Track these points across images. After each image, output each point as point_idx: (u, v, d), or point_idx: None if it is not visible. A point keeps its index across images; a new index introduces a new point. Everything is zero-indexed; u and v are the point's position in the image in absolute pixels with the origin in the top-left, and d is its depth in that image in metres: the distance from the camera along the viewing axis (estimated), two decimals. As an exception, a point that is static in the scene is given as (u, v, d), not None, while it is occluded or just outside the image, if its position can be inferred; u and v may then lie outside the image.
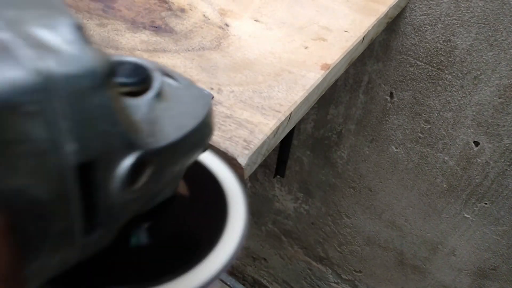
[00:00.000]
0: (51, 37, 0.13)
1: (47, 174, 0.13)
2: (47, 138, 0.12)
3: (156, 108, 0.17)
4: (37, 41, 0.13)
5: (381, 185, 0.85)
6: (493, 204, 0.74)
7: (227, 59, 0.41)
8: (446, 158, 0.73)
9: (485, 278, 0.85)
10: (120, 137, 0.15)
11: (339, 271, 1.11)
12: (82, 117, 0.13)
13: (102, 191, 0.15)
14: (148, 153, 0.16)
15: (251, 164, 0.33)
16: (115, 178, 0.15)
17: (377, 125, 0.77)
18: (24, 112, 0.12)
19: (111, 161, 0.15)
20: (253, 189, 1.09)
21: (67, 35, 0.13)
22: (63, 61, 0.13)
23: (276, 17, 0.48)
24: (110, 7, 0.46)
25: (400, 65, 0.67)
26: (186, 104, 0.19)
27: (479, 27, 0.57)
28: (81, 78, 0.13)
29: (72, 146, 0.13)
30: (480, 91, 0.63)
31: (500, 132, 0.65)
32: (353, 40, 0.45)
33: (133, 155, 0.15)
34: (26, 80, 0.12)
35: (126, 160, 0.15)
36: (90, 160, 0.14)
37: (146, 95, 0.17)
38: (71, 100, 0.13)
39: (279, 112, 0.36)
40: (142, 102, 0.17)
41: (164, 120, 0.17)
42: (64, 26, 0.14)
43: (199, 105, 0.20)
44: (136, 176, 0.16)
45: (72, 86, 0.13)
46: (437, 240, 0.86)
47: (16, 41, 0.12)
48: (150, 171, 0.17)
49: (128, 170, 0.15)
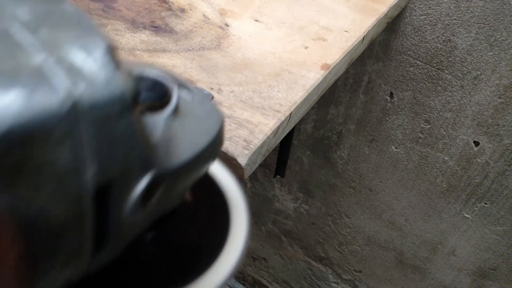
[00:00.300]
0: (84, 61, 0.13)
1: (66, 195, 0.13)
2: (71, 162, 0.13)
3: (172, 125, 0.17)
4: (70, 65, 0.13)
5: (381, 185, 0.85)
6: (493, 204, 0.74)
7: (227, 59, 0.41)
8: (446, 158, 0.73)
9: (485, 278, 0.85)
10: (139, 158, 0.15)
11: (339, 271, 1.11)
12: (106, 141, 0.13)
13: (115, 212, 0.15)
14: (162, 173, 0.16)
15: (251, 164, 0.33)
16: (129, 200, 0.15)
17: (377, 125, 0.77)
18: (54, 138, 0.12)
19: (127, 182, 0.15)
20: (253, 189, 1.09)
21: (99, 58, 0.13)
22: (93, 87, 0.13)
23: (276, 17, 0.48)
24: (110, 7, 0.46)
25: (400, 65, 0.67)
26: (199, 120, 0.19)
27: (479, 27, 0.57)
28: (109, 105, 0.13)
29: (92, 169, 0.13)
30: (480, 91, 0.63)
31: (500, 132, 0.65)
32: (353, 40, 0.45)
33: (148, 175, 0.15)
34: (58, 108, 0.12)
35: (141, 181, 0.15)
36: (108, 182, 0.14)
37: (164, 111, 0.17)
38: (98, 125, 0.13)
39: (279, 112, 0.36)
40: (159, 119, 0.17)
41: (178, 137, 0.17)
42: (97, 49, 0.14)
43: (212, 121, 0.20)
44: (149, 196, 0.16)
45: (100, 112, 0.13)
46: (437, 240, 0.86)
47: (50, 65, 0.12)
48: (161, 190, 0.17)
49: (142, 191, 0.15)
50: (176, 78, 0.19)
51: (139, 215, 0.16)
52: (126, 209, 0.15)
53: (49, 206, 0.13)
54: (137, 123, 0.14)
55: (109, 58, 0.14)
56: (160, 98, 0.17)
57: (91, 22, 0.15)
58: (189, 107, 0.19)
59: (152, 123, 0.17)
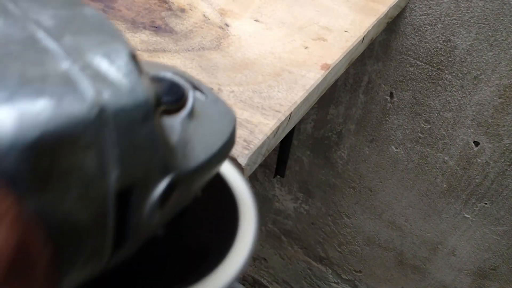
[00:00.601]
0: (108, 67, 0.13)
1: (91, 199, 0.13)
2: (96, 166, 0.13)
3: (188, 128, 0.18)
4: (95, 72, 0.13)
5: (381, 185, 0.85)
6: (493, 204, 0.74)
7: (227, 59, 0.41)
8: (446, 158, 0.73)
9: (485, 278, 0.85)
10: (160, 162, 0.15)
11: (339, 271, 1.11)
12: (129, 146, 0.14)
13: (136, 213, 0.15)
14: (180, 176, 0.16)
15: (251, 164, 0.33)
16: (149, 202, 0.15)
17: (377, 125, 0.77)
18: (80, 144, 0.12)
19: (148, 185, 0.15)
20: (253, 189, 1.09)
21: (123, 65, 0.14)
22: (118, 94, 0.13)
23: (276, 17, 0.48)
24: (110, 7, 0.46)
25: (400, 65, 0.67)
26: (213, 121, 0.19)
27: (479, 27, 0.57)
28: (133, 111, 0.13)
29: (115, 173, 0.13)
30: (480, 91, 0.63)
31: (500, 132, 0.65)
32: (353, 40, 0.45)
33: (167, 178, 0.16)
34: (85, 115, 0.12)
35: (161, 184, 0.15)
36: (129, 185, 0.14)
37: (180, 114, 0.17)
38: (122, 131, 0.13)
39: (279, 112, 0.36)
40: (177, 122, 0.17)
41: (194, 140, 0.18)
42: (120, 55, 0.14)
43: (226, 122, 0.20)
44: (167, 198, 0.16)
45: (125, 118, 0.13)
46: (437, 240, 0.86)
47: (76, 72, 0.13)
48: (179, 191, 0.17)
49: (161, 193, 0.15)
50: (189, 78, 0.19)
51: (157, 216, 0.16)
52: (146, 211, 0.15)
53: (75, 209, 0.13)
54: (158, 127, 0.15)
55: (132, 65, 0.14)
56: (177, 100, 0.18)
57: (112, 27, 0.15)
58: (203, 108, 0.19)
59: (170, 126, 0.17)
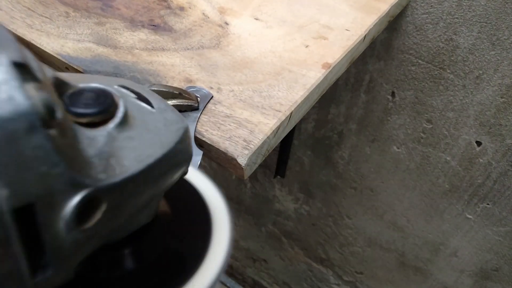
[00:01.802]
0: None
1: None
2: None
3: (116, 139, 0.17)
4: None
5: (382, 186, 0.85)
6: (495, 205, 0.73)
7: (227, 58, 0.41)
8: (448, 158, 0.73)
9: (487, 279, 0.85)
10: (62, 177, 0.14)
11: (340, 272, 1.10)
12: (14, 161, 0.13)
13: (47, 232, 0.14)
14: (98, 191, 0.15)
15: (251, 164, 0.33)
16: (60, 219, 0.14)
17: (379, 124, 0.76)
18: None
19: (54, 202, 0.14)
20: (253, 190, 1.09)
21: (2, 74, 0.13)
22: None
23: (276, 16, 0.47)
24: (108, 6, 0.46)
25: (402, 64, 0.67)
26: (154, 131, 0.18)
27: (481, 26, 0.57)
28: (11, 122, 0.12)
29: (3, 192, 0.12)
30: (482, 90, 0.62)
31: (502, 132, 0.64)
32: (354, 39, 0.45)
33: (79, 194, 0.15)
34: None
35: (73, 200, 0.14)
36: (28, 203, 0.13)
37: (107, 125, 0.17)
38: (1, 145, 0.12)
39: (279, 111, 0.35)
40: (100, 133, 0.16)
41: (124, 151, 0.17)
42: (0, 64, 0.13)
43: (170, 131, 0.19)
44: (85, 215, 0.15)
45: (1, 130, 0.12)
46: (439, 241, 0.85)
47: None
48: (104, 208, 0.16)
49: (73, 210, 0.15)
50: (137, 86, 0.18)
51: (80, 234, 0.15)
52: (60, 228, 0.15)
53: None
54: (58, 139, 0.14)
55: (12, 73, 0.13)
56: (102, 111, 0.17)
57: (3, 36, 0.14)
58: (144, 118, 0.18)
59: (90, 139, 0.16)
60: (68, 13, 0.44)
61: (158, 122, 0.19)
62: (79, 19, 0.43)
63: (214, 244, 0.22)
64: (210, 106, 0.36)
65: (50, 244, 0.15)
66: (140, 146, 0.17)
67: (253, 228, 1.19)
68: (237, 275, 1.38)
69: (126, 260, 0.21)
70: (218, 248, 0.22)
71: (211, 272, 0.21)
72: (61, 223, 0.15)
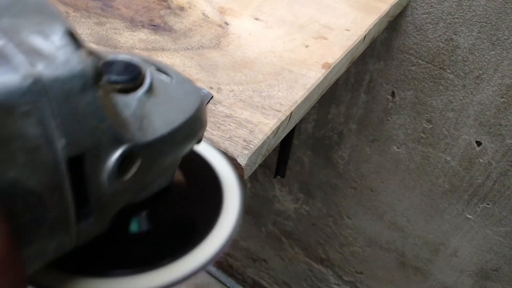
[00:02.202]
0: (43, 44, 0.14)
1: (40, 167, 0.14)
2: (39, 134, 0.14)
3: (146, 104, 0.18)
4: (30, 47, 0.14)
5: (382, 186, 0.85)
6: (495, 205, 0.73)
7: (227, 58, 0.41)
8: (448, 158, 0.73)
9: (487, 279, 0.85)
10: (107, 132, 0.16)
11: (340, 272, 1.10)
12: (71, 115, 0.14)
13: (93, 182, 0.16)
14: (135, 147, 0.17)
15: (251, 164, 0.33)
16: (104, 170, 0.16)
17: (379, 124, 0.76)
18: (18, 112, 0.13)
19: (100, 154, 0.16)
20: (253, 190, 1.09)
21: (58, 41, 0.14)
22: (53, 66, 0.14)
23: (276, 16, 0.47)
24: (108, 6, 0.46)
25: (402, 64, 0.67)
26: (176, 100, 0.20)
27: (481, 26, 0.57)
28: (69, 81, 0.14)
29: (62, 142, 0.14)
30: (482, 90, 0.62)
31: (502, 132, 0.64)
32: (354, 39, 0.45)
33: (121, 148, 0.16)
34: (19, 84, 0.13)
35: (115, 153, 0.16)
36: (80, 154, 0.15)
37: (137, 92, 0.18)
38: (61, 101, 0.14)
39: (279, 111, 0.35)
40: (132, 99, 0.18)
41: (153, 115, 0.18)
42: (55, 33, 0.15)
43: (190, 100, 0.21)
44: (124, 168, 0.17)
45: (60, 88, 0.14)
46: (439, 241, 0.85)
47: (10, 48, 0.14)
48: (138, 163, 0.18)
49: (116, 162, 0.16)
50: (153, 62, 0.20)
51: (118, 186, 0.17)
52: (103, 179, 0.16)
53: (24, 176, 0.14)
54: (103, 99, 0.15)
55: (67, 40, 0.15)
56: (132, 79, 0.18)
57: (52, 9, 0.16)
58: (166, 88, 0.20)
59: (124, 103, 0.18)
60: (68, 13, 0.44)
61: (178, 91, 0.20)
62: (79, 19, 0.43)
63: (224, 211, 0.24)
64: (210, 106, 0.36)
65: (94, 193, 0.16)
66: (165, 111, 0.19)
67: (253, 228, 1.19)
68: (237, 275, 1.38)
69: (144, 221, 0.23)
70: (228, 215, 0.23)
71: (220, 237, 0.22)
72: (104, 174, 0.16)
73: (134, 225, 0.22)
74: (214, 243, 0.22)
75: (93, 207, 0.17)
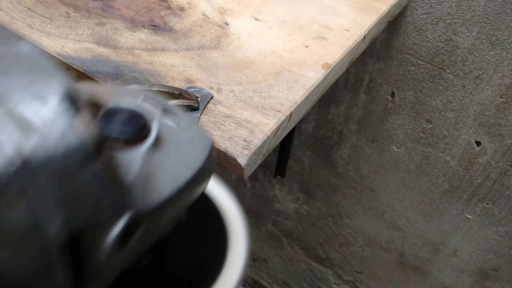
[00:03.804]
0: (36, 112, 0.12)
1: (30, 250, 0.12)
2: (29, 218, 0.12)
3: (152, 160, 0.17)
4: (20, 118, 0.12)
5: (382, 186, 0.85)
6: (494, 205, 0.73)
7: (227, 58, 0.41)
8: (447, 158, 0.73)
9: (487, 279, 0.85)
10: (109, 206, 0.14)
11: (339, 272, 1.10)
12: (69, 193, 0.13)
13: (91, 258, 0.15)
14: (140, 214, 0.15)
15: (251, 164, 0.33)
16: (105, 244, 0.15)
17: (378, 125, 0.76)
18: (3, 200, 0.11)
19: (100, 228, 0.14)
20: (253, 190, 1.09)
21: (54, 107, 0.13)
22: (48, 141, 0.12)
23: (276, 16, 0.47)
24: (109, 6, 0.46)
25: (402, 65, 0.67)
26: (184, 150, 0.18)
27: (481, 26, 0.57)
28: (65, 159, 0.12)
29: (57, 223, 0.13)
30: (482, 90, 0.62)
31: (502, 132, 0.64)
32: (354, 39, 0.45)
33: (124, 218, 0.15)
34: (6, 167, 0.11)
35: (116, 227, 0.15)
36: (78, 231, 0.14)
37: (142, 146, 0.16)
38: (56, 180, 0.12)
39: (279, 111, 0.36)
40: (137, 155, 0.16)
41: (160, 171, 0.17)
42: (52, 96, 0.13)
43: (198, 150, 0.19)
44: (127, 238, 0.16)
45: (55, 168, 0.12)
46: (439, 241, 0.85)
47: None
48: (142, 228, 0.16)
49: (117, 236, 0.15)
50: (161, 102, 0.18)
51: (118, 256, 0.16)
52: (104, 253, 0.15)
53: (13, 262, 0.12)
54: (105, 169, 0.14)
55: (65, 106, 0.13)
56: (138, 131, 0.16)
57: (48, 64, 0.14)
58: (173, 135, 0.18)
59: (129, 160, 0.16)
60: (68, 14, 0.44)
61: (185, 140, 0.19)
62: (80, 20, 0.43)
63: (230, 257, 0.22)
64: (210, 106, 0.36)
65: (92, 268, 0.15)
66: (172, 168, 0.17)
67: (253, 228, 1.20)
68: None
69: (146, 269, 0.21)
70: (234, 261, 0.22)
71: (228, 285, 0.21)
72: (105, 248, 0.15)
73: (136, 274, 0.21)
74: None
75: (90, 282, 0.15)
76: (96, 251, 0.14)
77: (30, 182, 0.12)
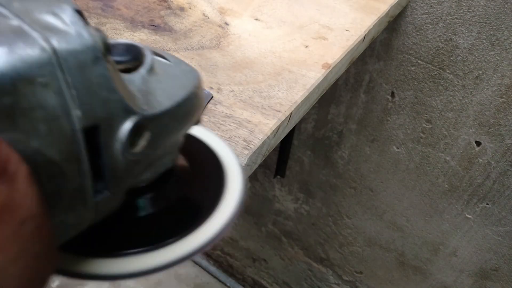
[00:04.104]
0: (55, 20, 0.15)
1: (59, 136, 0.15)
2: (58, 105, 0.15)
3: (148, 81, 0.20)
4: (43, 25, 0.15)
5: (382, 186, 0.85)
6: (494, 205, 0.73)
7: (227, 58, 0.41)
8: (447, 158, 0.73)
9: (487, 279, 0.85)
10: (119, 104, 0.17)
11: (339, 272, 1.10)
12: (85, 86, 0.15)
13: (107, 153, 0.17)
14: (144, 119, 0.18)
15: (251, 164, 0.33)
16: (117, 141, 0.17)
17: (378, 124, 0.76)
18: (38, 83, 0.14)
19: (113, 125, 0.17)
20: (253, 190, 1.09)
21: (68, 18, 0.16)
22: (66, 40, 0.15)
23: (276, 16, 0.47)
24: (109, 6, 0.46)
25: (402, 65, 0.67)
26: (175, 78, 0.21)
27: (481, 26, 0.57)
28: (82, 53, 0.15)
29: (78, 112, 0.15)
30: (482, 90, 0.62)
31: (501, 132, 0.64)
32: (354, 39, 0.45)
33: (131, 119, 0.17)
34: (39, 57, 0.14)
35: (126, 124, 0.17)
36: (94, 125, 0.16)
37: (139, 70, 0.20)
38: (75, 72, 0.15)
39: (279, 111, 0.36)
40: (136, 76, 0.19)
41: (156, 91, 0.20)
42: (65, 11, 0.16)
43: (188, 78, 0.22)
44: (135, 139, 0.18)
45: (75, 60, 0.15)
46: (439, 240, 0.85)
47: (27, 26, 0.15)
48: (147, 136, 0.19)
49: (128, 133, 0.17)
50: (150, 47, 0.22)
51: (130, 158, 0.18)
52: (117, 150, 0.17)
53: (45, 145, 0.15)
54: (112, 72, 0.16)
55: (77, 17, 0.16)
56: (134, 59, 0.20)
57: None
58: (165, 68, 0.21)
59: (129, 80, 0.19)
60: (68, 14, 0.44)
61: (176, 71, 0.22)
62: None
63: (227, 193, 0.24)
64: (210, 106, 0.36)
65: (108, 165, 0.17)
66: (167, 88, 0.20)
67: (253, 228, 1.20)
68: (237, 275, 1.38)
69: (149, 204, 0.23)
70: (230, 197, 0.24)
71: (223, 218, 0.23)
72: (117, 145, 0.17)
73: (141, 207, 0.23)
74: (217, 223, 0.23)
75: (108, 180, 0.18)
76: (110, 144, 0.17)
77: (56, 71, 0.14)
